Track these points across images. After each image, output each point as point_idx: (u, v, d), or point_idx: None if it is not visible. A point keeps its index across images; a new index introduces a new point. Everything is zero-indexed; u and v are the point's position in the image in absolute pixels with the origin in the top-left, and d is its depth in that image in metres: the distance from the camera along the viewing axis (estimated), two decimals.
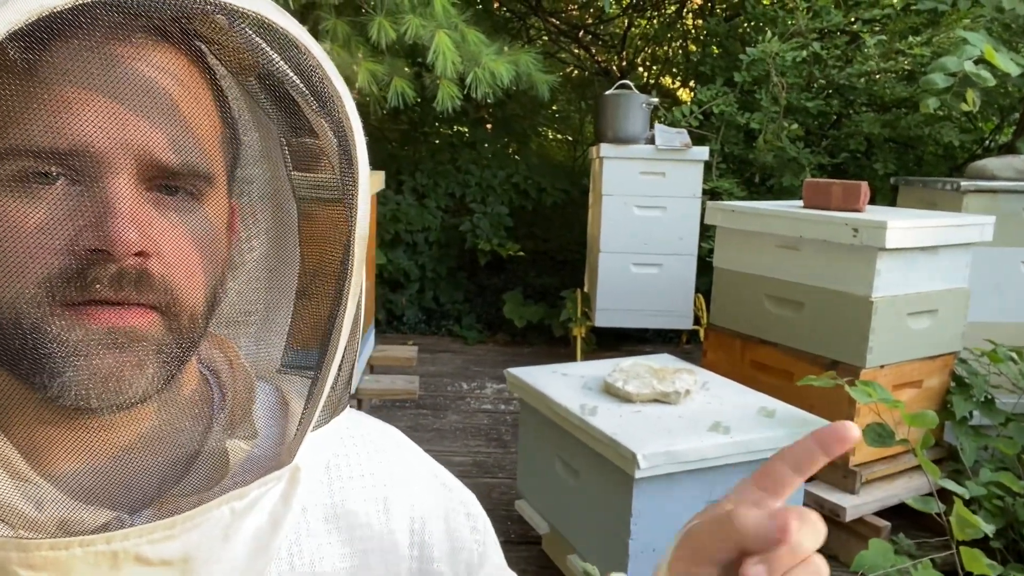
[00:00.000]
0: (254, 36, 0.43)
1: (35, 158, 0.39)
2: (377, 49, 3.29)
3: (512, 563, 2.19)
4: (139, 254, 0.41)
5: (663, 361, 2.20)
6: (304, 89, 0.45)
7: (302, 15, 3.51)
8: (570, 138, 6.26)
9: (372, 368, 3.26)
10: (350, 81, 3.57)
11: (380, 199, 4.51)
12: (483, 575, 0.61)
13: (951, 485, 1.74)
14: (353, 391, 2.63)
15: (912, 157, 4.35)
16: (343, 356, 0.48)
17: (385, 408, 3.30)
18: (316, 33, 3.47)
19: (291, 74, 0.45)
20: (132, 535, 0.40)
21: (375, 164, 4.32)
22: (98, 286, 0.40)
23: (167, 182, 0.43)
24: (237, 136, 0.50)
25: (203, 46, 0.45)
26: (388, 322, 4.61)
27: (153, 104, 0.41)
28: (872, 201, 3.87)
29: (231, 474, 0.46)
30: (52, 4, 0.36)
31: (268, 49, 0.44)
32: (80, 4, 0.36)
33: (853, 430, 0.42)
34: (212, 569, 0.43)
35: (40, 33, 0.37)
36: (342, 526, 0.53)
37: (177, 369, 0.45)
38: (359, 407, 2.85)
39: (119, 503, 0.43)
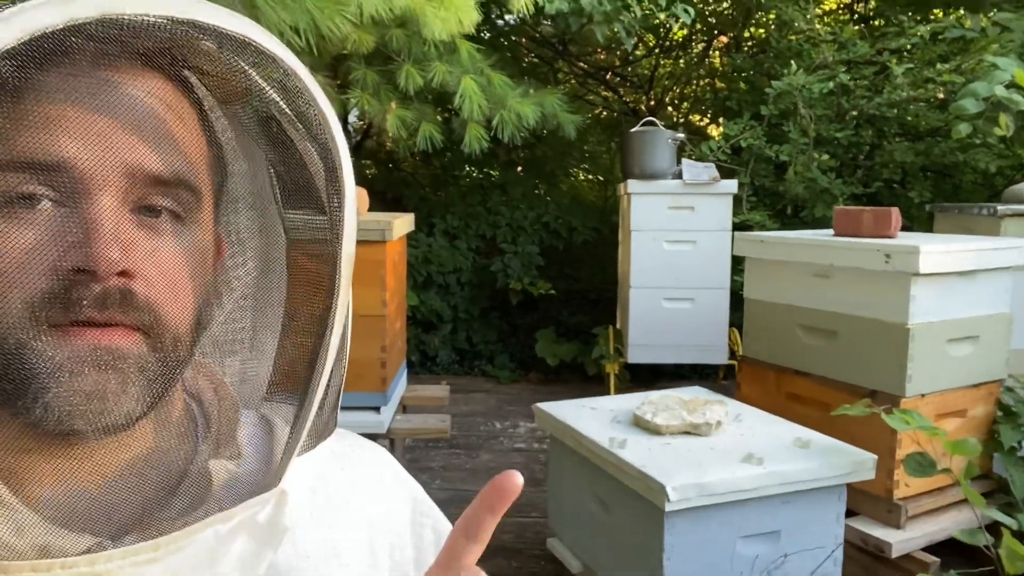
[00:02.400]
0: (240, 60, 0.44)
1: (19, 178, 0.39)
2: (406, 96, 3.39)
3: None
4: (122, 274, 0.40)
5: (694, 393, 2.17)
6: (289, 112, 0.46)
7: (333, 66, 3.64)
8: (600, 178, 6.30)
9: (404, 408, 3.26)
10: (381, 128, 3.67)
11: (411, 241, 4.58)
12: None
13: (998, 515, 1.67)
14: (384, 430, 2.60)
15: (949, 185, 4.27)
16: (329, 380, 0.48)
17: (418, 448, 3.29)
18: (347, 82, 3.58)
19: (276, 97, 0.45)
20: (116, 557, 0.40)
21: (408, 209, 4.40)
22: (82, 306, 0.40)
23: (152, 203, 0.43)
24: (224, 158, 0.50)
25: (190, 69, 0.45)
26: (421, 363, 4.62)
27: (138, 124, 0.42)
28: (909, 229, 3.81)
29: (216, 497, 0.45)
30: (44, 24, 0.36)
31: (254, 72, 0.44)
32: (72, 25, 0.37)
33: (515, 479, 0.41)
34: None
35: (30, 53, 0.37)
36: (327, 550, 0.53)
37: (162, 392, 0.44)
38: (392, 446, 2.85)
39: (101, 529, 0.43)
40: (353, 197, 0.47)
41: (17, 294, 0.39)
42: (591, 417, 2.00)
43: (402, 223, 3.03)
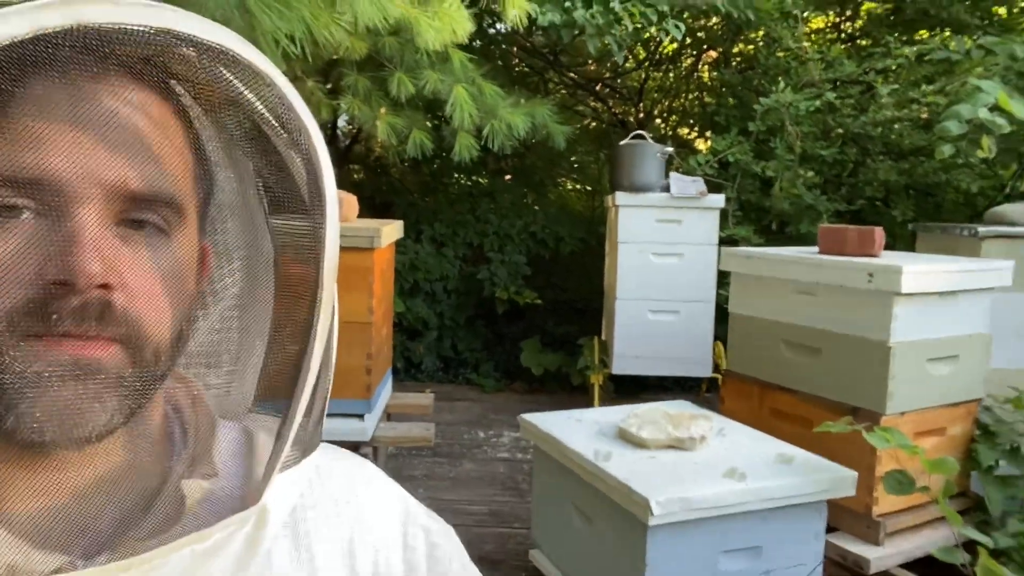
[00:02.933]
0: (220, 68, 0.43)
1: (1, 194, 0.39)
2: (397, 103, 3.39)
3: None
4: (103, 286, 0.40)
5: (679, 407, 2.18)
6: (271, 120, 0.45)
7: (325, 71, 3.63)
8: (588, 188, 6.33)
9: (389, 416, 3.26)
10: (371, 134, 3.67)
11: (399, 248, 4.58)
12: None
13: (975, 534, 1.69)
14: (368, 438, 2.59)
15: (932, 204, 4.33)
16: (314, 392, 0.47)
17: (401, 456, 3.28)
18: (338, 88, 3.58)
19: (256, 104, 0.45)
20: None
21: (396, 215, 4.40)
22: (61, 318, 0.39)
23: (135, 215, 0.42)
24: (208, 169, 0.49)
25: (170, 78, 0.45)
26: (406, 370, 4.61)
27: (119, 135, 0.41)
28: (891, 248, 3.86)
29: (194, 515, 0.44)
30: (13, 32, 0.35)
31: (235, 81, 0.44)
32: (40, 34, 0.36)
33: None
34: None
35: (4, 64, 0.36)
36: (305, 565, 0.51)
37: (138, 405, 0.43)
38: (375, 454, 2.84)
39: (73, 546, 0.41)
40: (335, 207, 0.46)
41: None
42: (576, 429, 2.01)
43: (391, 230, 3.03)
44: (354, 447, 2.74)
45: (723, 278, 3.71)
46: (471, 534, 2.59)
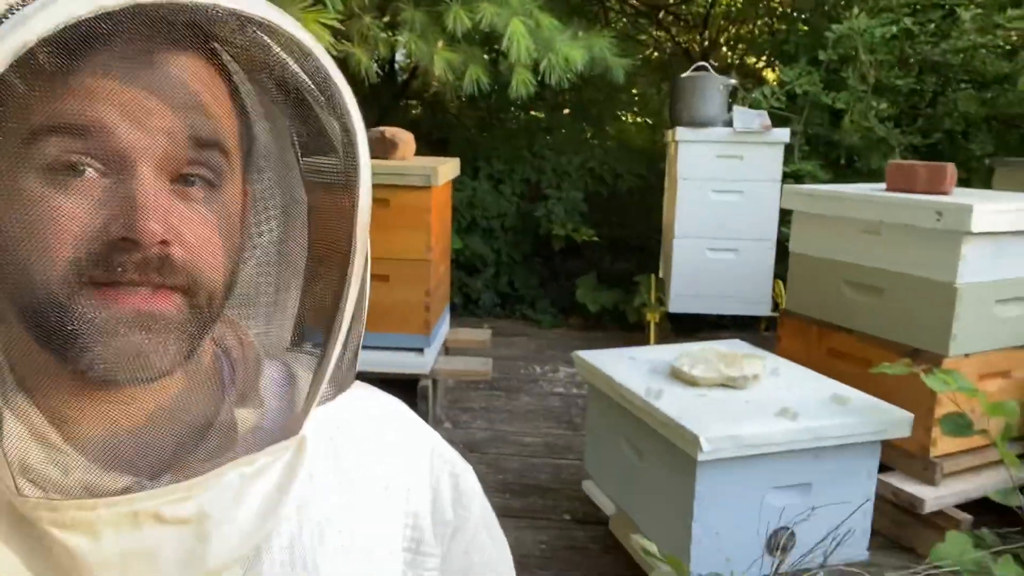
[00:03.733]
0: (264, 38, 0.47)
1: (65, 146, 0.43)
2: (453, 38, 3.36)
3: (578, 542, 2.26)
4: (163, 242, 0.44)
5: (732, 346, 2.19)
6: (310, 85, 0.49)
7: (382, 7, 3.61)
8: (649, 121, 6.19)
9: (447, 350, 3.35)
10: (428, 70, 3.66)
11: (456, 185, 4.59)
12: (454, 546, 0.63)
13: None
14: (427, 371, 2.68)
15: (1016, 136, 4.09)
16: (347, 335, 0.51)
17: (459, 388, 3.39)
18: (395, 23, 3.56)
19: (297, 72, 0.48)
20: (153, 496, 0.44)
21: (453, 151, 4.41)
22: (124, 269, 0.44)
23: (188, 171, 0.47)
24: (251, 130, 0.54)
25: (218, 47, 0.48)
26: (464, 306, 4.70)
27: (174, 99, 0.45)
28: (968, 184, 3.69)
29: (241, 442, 0.50)
30: (77, 12, 0.39)
31: (277, 49, 0.48)
32: (103, 12, 0.40)
33: None
34: (224, 528, 0.47)
35: (68, 38, 0.40)
36: (347, 493, 0.57)
37: (196, 346, 0.49)
38: (434, 387, 2.94)
39: (138, 469, 0.47)
40: (368, 168, 0.50)
41: (65, 255, 0.43)
42: (629, 367, 2.04)
43: (447, 168, 3.05)
44: (414, 380, 2.85)
45: (786, 216, 3.63)
46: (527, 464, 2.68)
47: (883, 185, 2.47)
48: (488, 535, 0.67)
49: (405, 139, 3.00)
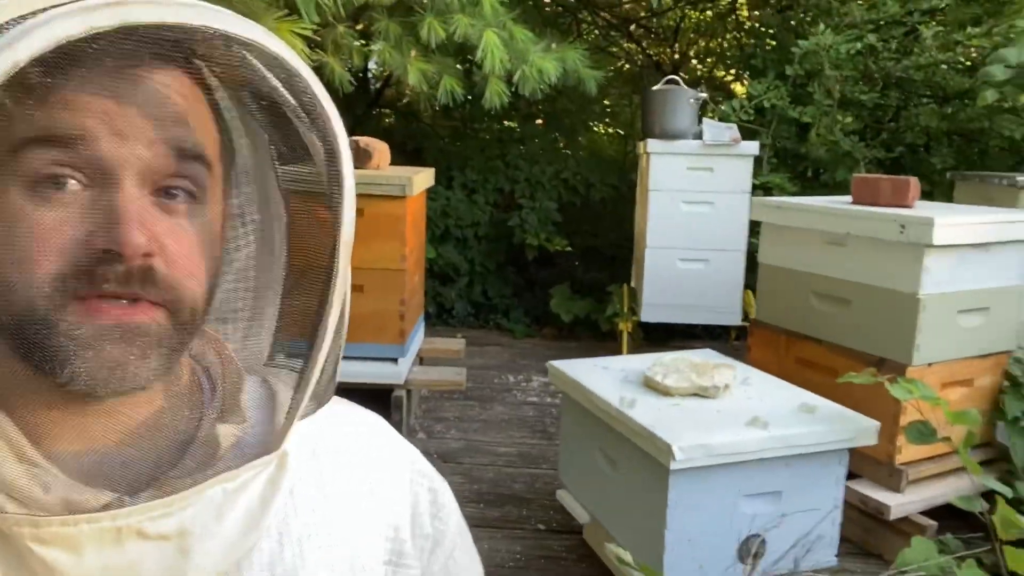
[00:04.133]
0: (249, 58, 0.48)
1: (49, 159, 0.43)
2: (427, 48, 3.37)
3: (553, 551, 2.26)
4: (146, 255, 0.45)
5: (704, 356, 2.22)
6: (295, 106, 0.50)
7: (355, 16, 3.61)
8: (621, 132, 6.25)
9: (421, 360, 3.35)
10: (402, 80, 3.66)
11: (430, 195, 4.60)
12: (434, 559, 0.64)
13: (994, 484, 1.72)
14: (402, 381, 2.68)
15: (975, 151, 4.22)
16: (328, 351, 0.52)
17: (433, 399, 3.38)
18: (369, 33, 3.56)
19: (283, 93, 0.49)
20: (134, 512, 0.45)
21: (427, 161, 4.41)
22: (107, 282, 0.44)
23: (170, 185, 0.47)
24: (232, 142, 0.54)
25: (202, 65, 0.49)
26: (438, 315, 4.70)
27: (157, 115, 0.46)
28: (930, 196, 3.78)
29: (223, 458, 0.50)
30: (69, 32, 0.40)
31: (263, 71, 0.48)
32: (94, 32, 0.40)
33: None
34: (206, 544, 0.47)
35: (58, 57, 0.41)
36: (327, 508, 0.57)
37: (176, 359, 0.49)
38: (408, 397, 2.94)
39: (119, 485, 0.47)
40: (352, 188, 0.51)
41: (47, 267, 0.43)
42: (603, 376, 2.06)
43: (422, 178, 3.06)
44: (388, 390, 2.84)
45: (756, 227, 3.69)
46: (501, 474, 2.69)
47: (849, 198, 2.54)
48: (465, 553, 0.68)
49: (380, 148, 3.00)
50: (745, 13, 5.80)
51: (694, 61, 6.04)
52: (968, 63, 3.90)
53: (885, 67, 3.97)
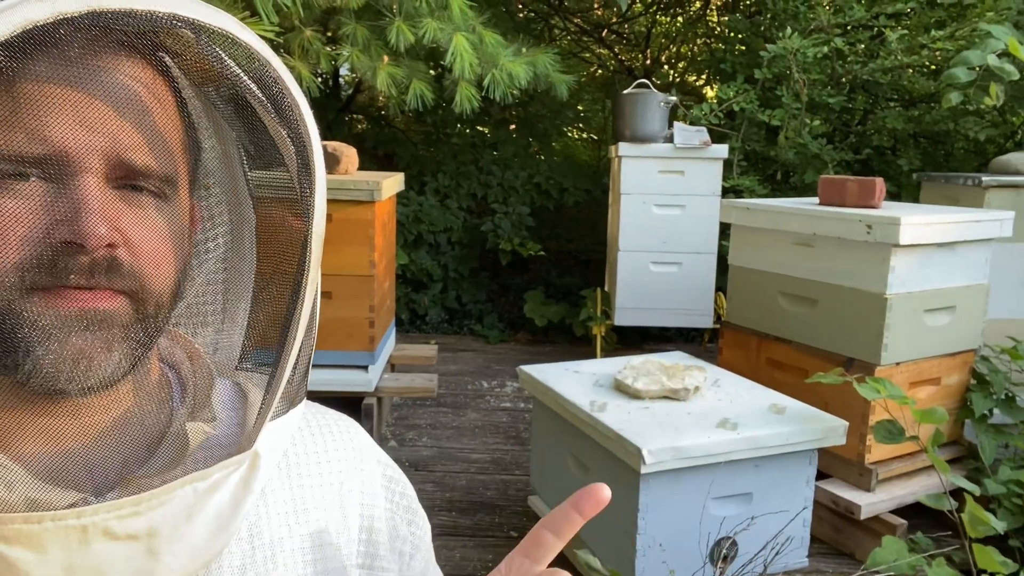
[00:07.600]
0: (216, 49, 0.46)
1: (11, 159, 0.42)
2: (397, 52, 3.35)
3: None
4: (109, 245, 0.44)
5: (674, 359, 2.21)
6: (263, 98, 0.48)
7: (323, 20, 3.58)
8: (594, 137, 6.27)
9: (393, 367, 3.31)
10: (370, 84, 3.63)
11: (402, 200, 4.57)
12: (414, 564, 0.64)
13: (962, 482, 1.73)
14: (372, 388, 2.64)
15: (941, 152, 4.28)
16: (300, 350, 0.51)
17: (405, 405, 3.34)
18: (337, 38, 3.53)
19: (251, 84, 0.48)
20: (101, 511, 0.43)
21: (399, 166, 4.37)
22: (71, 274, 0.43)
23: (133, 181, 0.46)
24: (198, 141, 0.53)
25: (168, 57, 0.48)
26: (411, 321, 4.66)
27: (122, 108, 0.44)
28: (897, 197, 3.83)
29: (194, 457, 0.49)
30: (35, 17, 0.39)
31: (229, 61, 0.47)
32: (61, 18, 0.39)
33: (604, 492, 0.45)
34: (175, 545, 0.46)
35: (21, 45, 0.40)
36: (299, 510, 0.56)
37: (142, 354, 0.48)
38: (379, 405, 2.90)
39: (86, 484, 0.46)
40: (323, 180, 0.50)
41: (8, 259, 0.42)
42: (573, 380, 2.05)
43: (391, 183, 3.03)
44: (359, 398, 2.80)
45: (727, 229, 3.71)
46: (474, 480, 2.66)
47: (817, 199, 2.55)
48: (434, 561, 0.68)
49: (348, 153, 2.97)
50: (715, 18, 5.85)
51: (665, 66, 6.08)
52: (933, 66, 3.95)
53: (852, 70, 4.02)
